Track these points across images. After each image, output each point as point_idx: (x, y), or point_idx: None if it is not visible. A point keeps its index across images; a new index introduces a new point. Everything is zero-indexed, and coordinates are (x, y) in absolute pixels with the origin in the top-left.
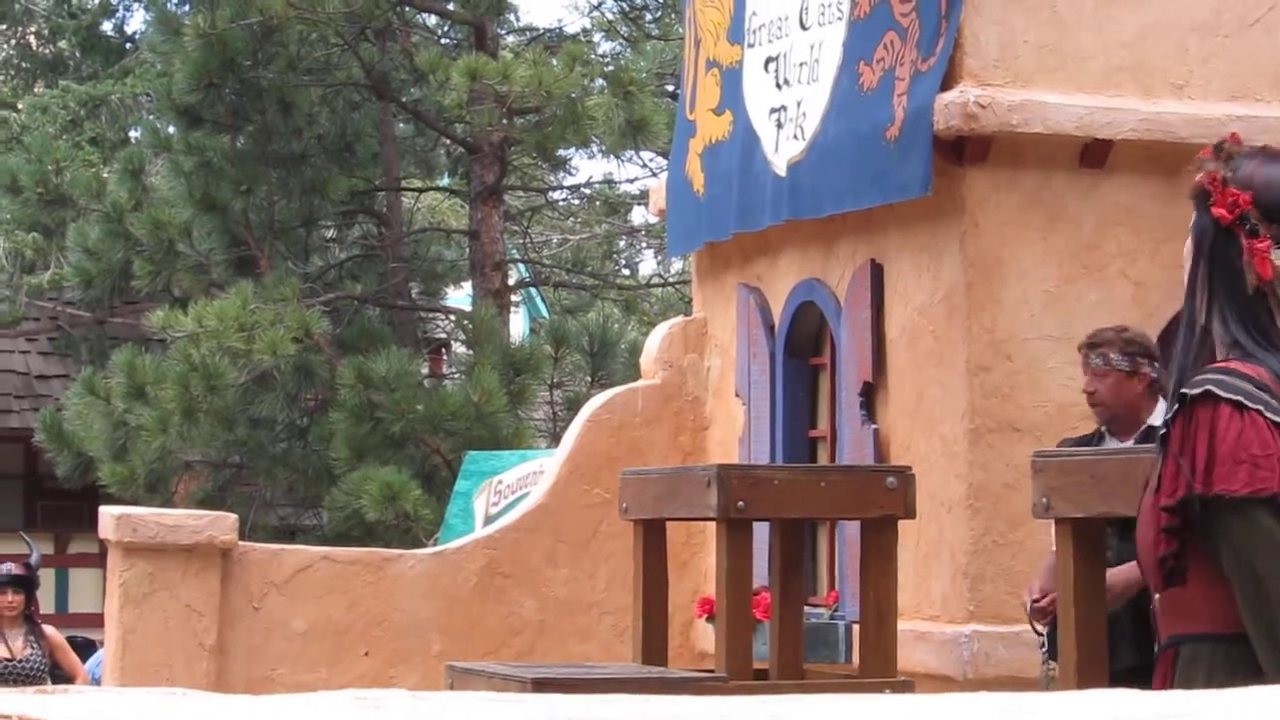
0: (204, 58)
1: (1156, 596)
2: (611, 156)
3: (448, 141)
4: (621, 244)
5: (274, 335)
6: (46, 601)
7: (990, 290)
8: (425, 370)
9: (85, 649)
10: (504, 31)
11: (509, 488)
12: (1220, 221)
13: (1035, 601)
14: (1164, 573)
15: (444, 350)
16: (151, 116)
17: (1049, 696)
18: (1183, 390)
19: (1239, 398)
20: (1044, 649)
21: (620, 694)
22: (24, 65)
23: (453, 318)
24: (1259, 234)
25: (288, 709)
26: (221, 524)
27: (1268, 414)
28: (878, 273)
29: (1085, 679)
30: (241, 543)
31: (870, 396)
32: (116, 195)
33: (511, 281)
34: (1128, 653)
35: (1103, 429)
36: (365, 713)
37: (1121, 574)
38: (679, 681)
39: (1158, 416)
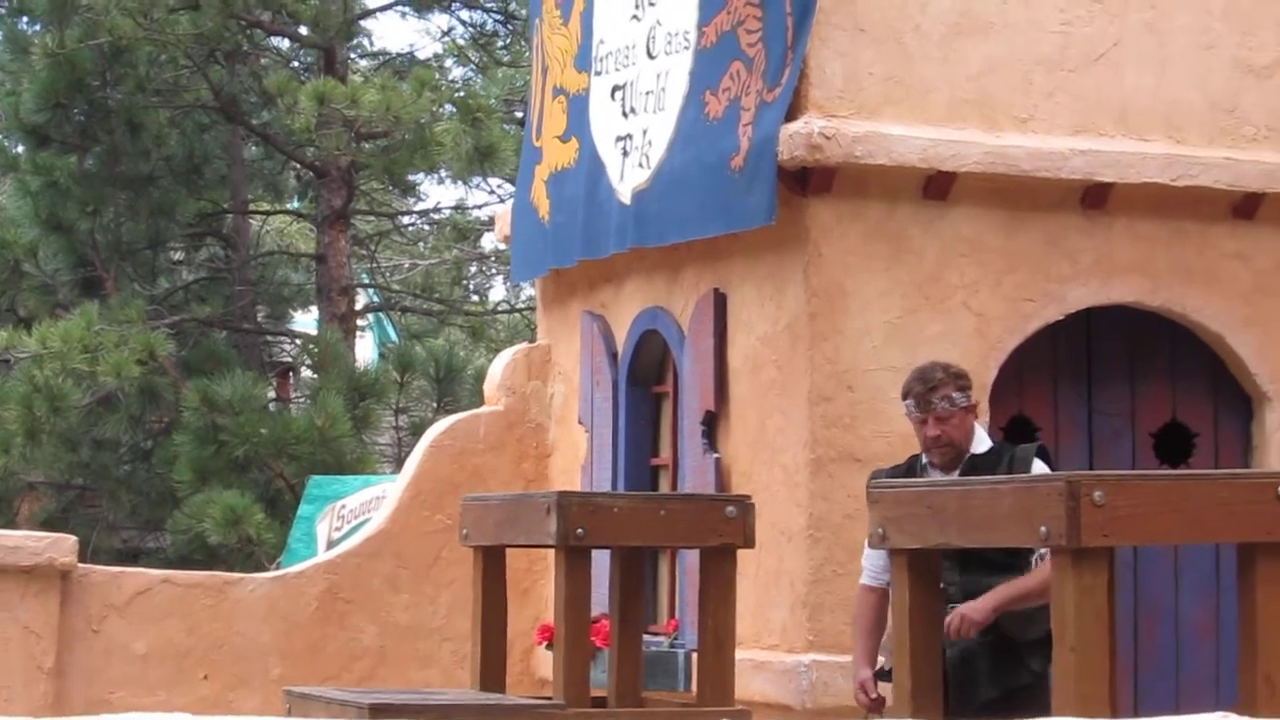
0: (52, 77)
1: None
2: (460, 182)
3: (296, 165)
4: (472, 270)
5: (119, 357)
6: None
7: (833, 320)
8: (272, 394)
9: None
10: (358, 56)
11: (352, 512)
12: None
13: (873, 700)
14: None
15: (291, 374)
16: None
17: None
18: None
19: None
20: None
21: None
22: None
23: (299, 341)
24: None
25: None
26: (61, 546)
27: None
28: (721, 302)
29: (920, 709)
30: (81, 564)
31: (712, 425)
32: None
33: (359, 306)
34: (986, 686)
35: (924, 460)
36: None
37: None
38: (516, 708)
39: (979, 444)
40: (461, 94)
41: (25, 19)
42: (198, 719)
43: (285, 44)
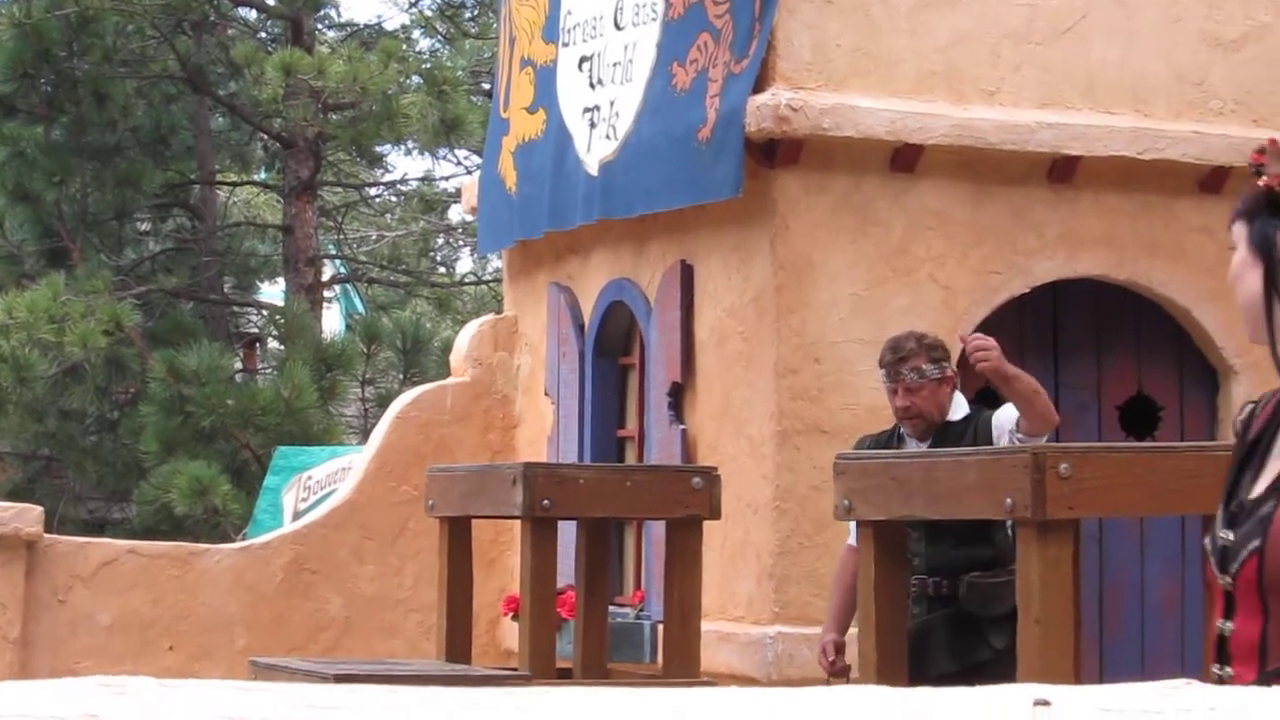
0: (19, 48)
1: (1242, 624)
2: (427, 154)
3: (263, 136)
4: (439, 241)
5: (85, 327)
6: None
7: (800, 293)
8: (239, 365)
9: None
10: (325, 27)
11: (318, 483)
12: None
13: (833, 663)
14: None
15: (257, 345)
16: None
17: (799, 692)
18: None
19: None
20: None
21: (368, 685)
22: None
23: (265, 312)
24: None
25: (30, 695)
26: (27, 516)
27: None
28: (688, 274)
29: (885, 681)
30: (47, 535)
31: (679, 397)
32: None
33: (326, 277)
34: (944, 660)
35: (901, 430)
36: (108, 699)
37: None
38: (481, 679)
39: (956, 412)
40: (428, 65)
41: None
42: (162, 682)
43: (252, 15)
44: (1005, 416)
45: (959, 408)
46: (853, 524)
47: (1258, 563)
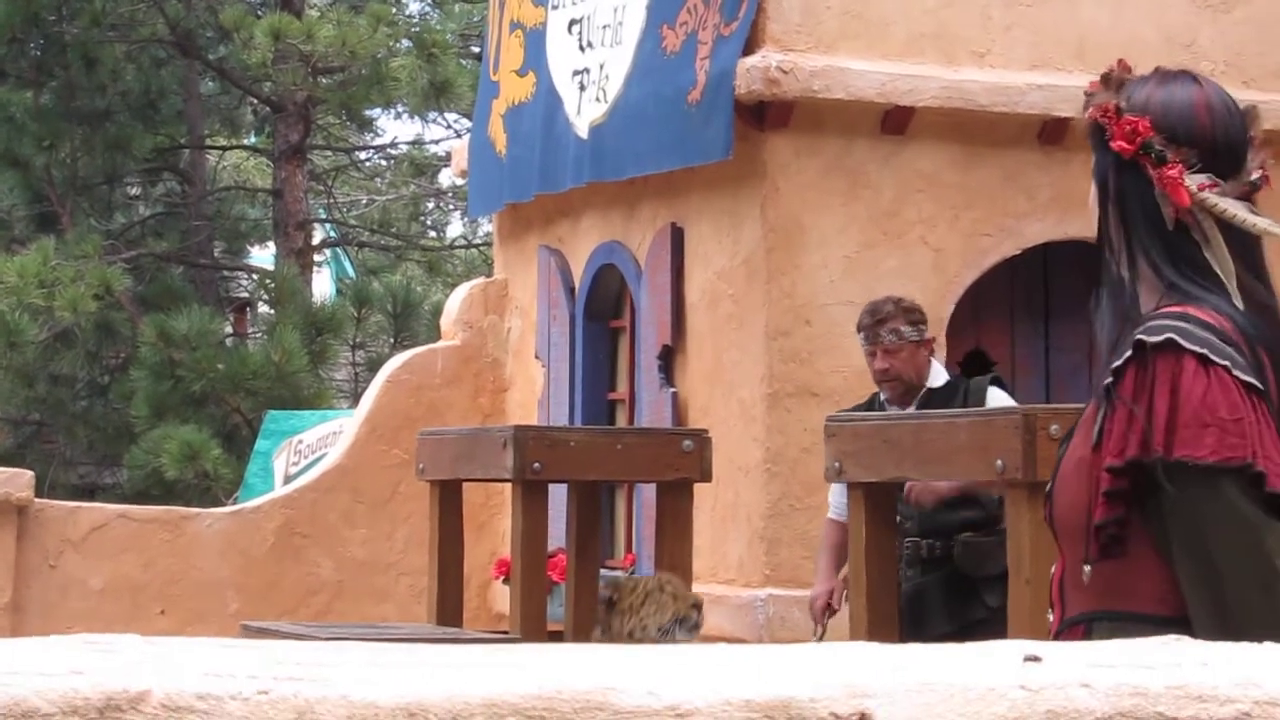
0: (7, 12)
1: (1057, 567)
2: (416, 118)
3: (253, 100)
4: (429, 205)
5: (75, 292)
6: None
7: (790, 255)
8: (229, 329)
9: None
10: None
11: (309, 447)
12: (1122, 155)
13: (827, 606)
14: (1100, 542)
15: (248, 309)
16: None
17: (785, 649)
18: (1140, 337)
19: (1204, 350)
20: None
21: (357, 643)
22: None
23: (256, 277)
24: (1167, 160)
25: (17, 651)
26: (18, 481)
27: (1235, 371)
28: (678, 236)
29: (877, 641)
30: (38, 500)
31: (669, 360)
32: None
33: (316, 241)
34: (940, 620)
35: (882, 397)
36: (95, 656)
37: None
38: (472, 642)
39: (936, 379)
40: (418, 29)
41: None
42: (149, 639)
43: None
44: (998, 395)
45: (938, 375)
46: (832, 496)
47: (1049, 506)
